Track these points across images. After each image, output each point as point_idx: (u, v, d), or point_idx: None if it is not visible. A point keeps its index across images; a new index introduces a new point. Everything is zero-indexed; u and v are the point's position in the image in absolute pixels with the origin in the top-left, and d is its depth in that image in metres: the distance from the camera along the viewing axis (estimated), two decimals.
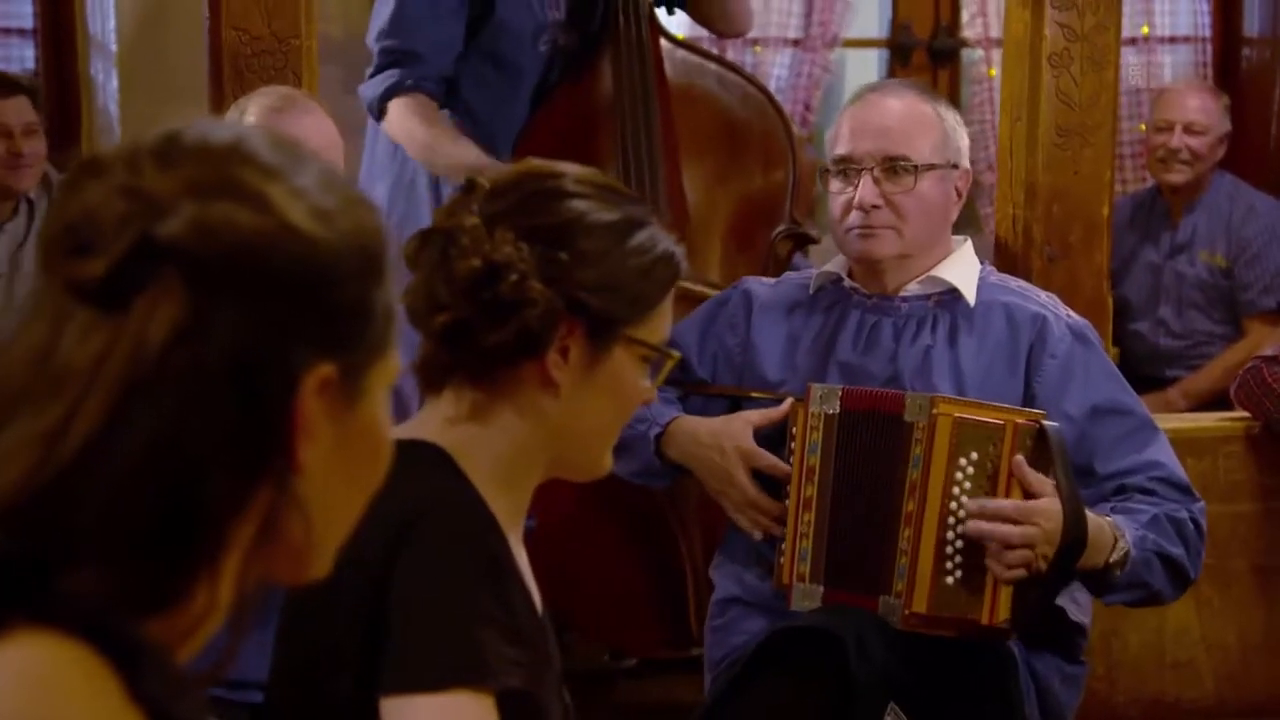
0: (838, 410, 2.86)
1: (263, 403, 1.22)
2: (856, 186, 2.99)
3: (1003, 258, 3.81)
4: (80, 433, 1.16)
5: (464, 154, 3.66)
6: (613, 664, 4.19)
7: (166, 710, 1.17)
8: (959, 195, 3.06)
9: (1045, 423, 2.77)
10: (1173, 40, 6.00)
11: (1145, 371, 5.13)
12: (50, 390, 1.18)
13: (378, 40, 3.93)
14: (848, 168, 3.01)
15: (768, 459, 2.94)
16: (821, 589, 2.86)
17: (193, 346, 1.18)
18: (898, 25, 6.01)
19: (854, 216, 2.99)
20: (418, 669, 1.93)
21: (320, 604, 2.02)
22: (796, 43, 5.84)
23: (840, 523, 2.86)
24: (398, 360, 1.34)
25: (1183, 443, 3.65)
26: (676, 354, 2.20)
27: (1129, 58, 5.95)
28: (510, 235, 2.02)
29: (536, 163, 2.17)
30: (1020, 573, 2.71)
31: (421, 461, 2.04)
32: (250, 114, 3.03)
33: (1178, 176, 5.22)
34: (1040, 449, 2.75)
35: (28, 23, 5.58)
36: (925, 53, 5.95)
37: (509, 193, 2.09)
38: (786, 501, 2.91)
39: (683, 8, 4.19)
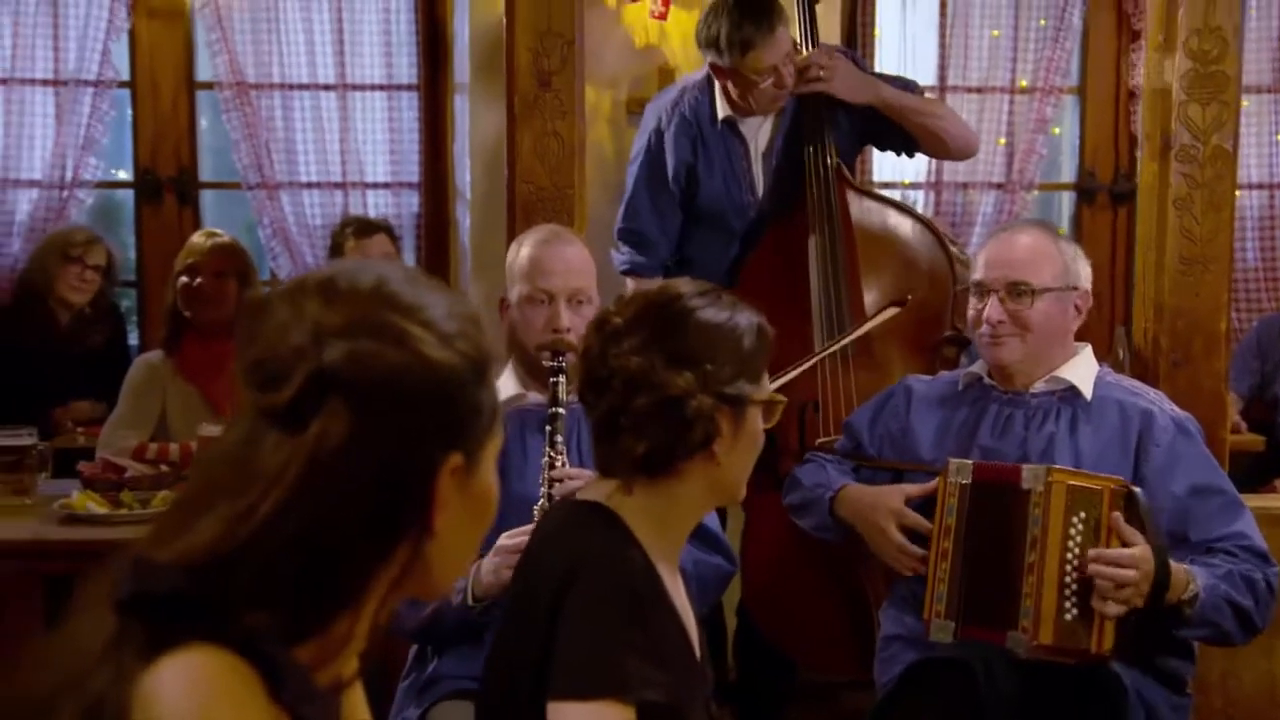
0: (970, 481, 2.90)
1: (407, 490, 1.31)
2: (987, 305, 3.05)
3: (1138, 362, 3.78)
4: (260, 517, 1.26)
5: None
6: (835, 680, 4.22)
7: (298, 712, 1.27)
8: (1078, 311, 3.07)
9: (1132, 488, 2.78)
10: None
11: None
12: (244, 484, 1.28)
13: (620, 220, 4.15)
14: (981, 289, 3.07)
15: (913, 517, 3.00)
16: (954, 624, 2.88)
17: (354, 454, 1.28)
18: (1084, 172, 5.97)
19: (984, 328, 3.05)
20: (573, 681, 1.97)
21: (521, 624, 2.11)
22: (999, 186, 5.84)
23: (971, 571, 2.88)
24: (502, 435, 1.42)
25: None
26: (783, 399, 2.25)
27: None
28: (661, 360, 2.06)
29: (651, 289, 2.20)
30: (1123, 609, 2.73)
31: (594, 520, 2.10)
32: (526, 244, 3.07)
33: None
34: (1131, 508, 2.77)
35: (415, 178, 5.75)
36: (1107, 195, 5.91)
37: (646, 323, 2.11)
38: (928, 552, 2.95)
39: (915, 152, 4.22)
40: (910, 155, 4.24)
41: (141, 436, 4.22)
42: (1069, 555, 2.77)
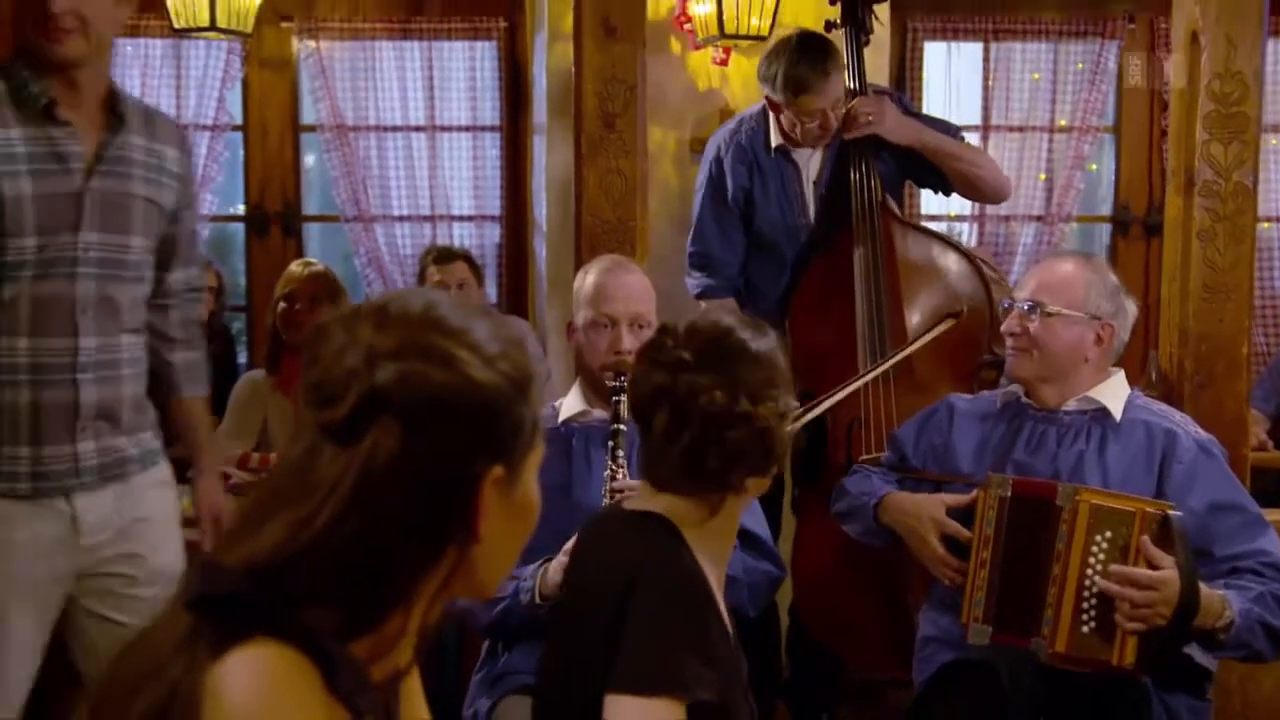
0: (1009, 494, 2.85)
1: (453, 499, 1.32)
2: (1008, 318, 3.04)
3: (1164, 384, 3.73)
4: (319, 524, 1.27)
5: None
6: (880, 678, 4.17)
7: (352, 702, 1.28)
8: (1099, 340, 3.00)
9: (1171, 512, 2.70)
10: None
11: None
12: (304, 494, 1.29)
13: (690, 243, 4.16)
14: (1010, 306, 3.05)
15: (954, 526, 2.95)
16: (990, 629, 2.84)
17: (404, 467, 1.29)
18: (1119, 205, 5.91)
19: (1008, 341, 3.05)
20: (635, 677, 1.96)
21: (578, 625, 2.11)
22: (1039, 218, 5.79)
23: (1006, 579, 2.83)
24: (543, 448, 1.42)
25: None
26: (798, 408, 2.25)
27: None
28: (745, 396, 2.08)
29: (701, 324, 2.18)
30: (1141, 626, 2.66)
31: (653, 528, 2.10)
32: (591, 273, 3.08)
33: None
34: (1164, 533, 2.68)
35: (497, 211, 5.82)
36: (1141, 226, 5.84)
37: (715, 358, 2.11)
38: (968, 561, 2.90)
39: (945, 190, 4.18)
40: (947, 195, 4.22)
41: (245, 447, 4.27)
42: (1089, 571, 2.71)
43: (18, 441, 2.64)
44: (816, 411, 3.51)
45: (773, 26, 4.95)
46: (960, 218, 5.83)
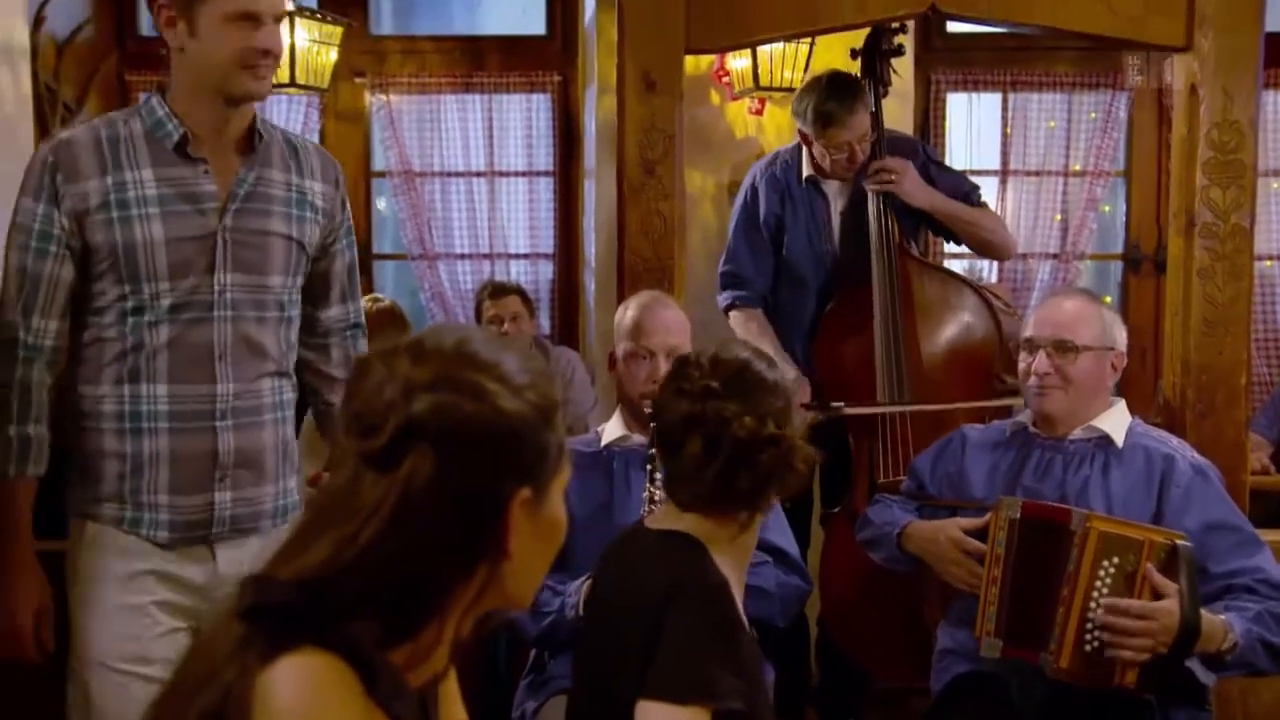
0: (1018, 516, 2.81)
1: (483, 519, 1.33)
2: (1036, 358, 2.98)
3: (1168, 412, 3.68)
4: (363, 542, 1.28)
5: (762, 345, 3.76)
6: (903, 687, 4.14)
7: (390, 708, 1.29)
8: (1114, 369, 2.99)
9: (1180, 543, 2.64)
10: None
11: None
12: (348, 515, 1.30)
13: (722, 264, 4.16)
14: (1031, 345, 2.99)
15: (972, 543, 2.90)
16: (1000, 643, 2.80)
17: (439, 490, 1.30)
18: (1130, 244, 5.86)
19: (1033, 380, 2.97)
20: (670, 686, 1.96)
21: (614, 635, 2.11)
22: (1055, 256, 5.75)
23: (1015, 595, 2.80)
24: (569, 470, 1.43)
25: None
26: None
27: None
28: (772, 421, 2.10)
29: (724, 356, 2.19)
30: (1134, 655, 2.61)
31: (684, 546, 2.10)
32: (630, 307, 3.08)
33: None
34: (1171, 562, 2.63)
35: (550, 249, 5.83)
36: (1151, 264, 5.78)
37: (740, 388, 2.13)
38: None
39: (955, 241, 4.21)
40: (957, 244, 4.25)
41: (316, 467, 4.29)
42: (1095, 594, 2.67)
43: (156, 489, 2.44)
44: (839, 413, 3.66)
45: (804, 79, 4.96)
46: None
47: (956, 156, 5.69)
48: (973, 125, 5.82)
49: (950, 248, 5.64)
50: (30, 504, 2.45)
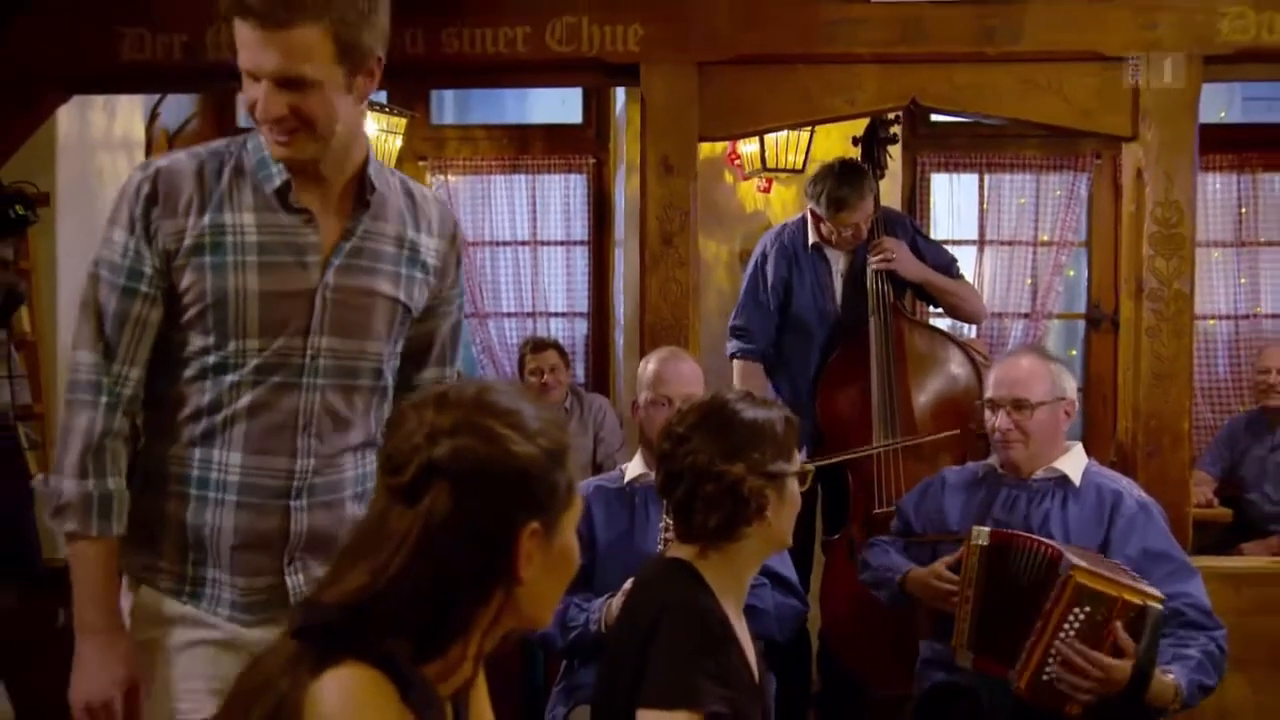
0: (987, 544, 2.79)
1: (497, 549, 1.33)
2: (998, 417, 2.98)
3: (1121, 452, 3.67)
4: (394, 568, 1.29)
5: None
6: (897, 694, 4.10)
7: (422, 714, 1.29)
8: (1066, 415, 2.96)
9: (1150, 605, 2.57)
10: (1274, 316, 5.68)
11: (1256, 526, 4.73)
12: (379, 544, 1.31)
13: (732, 318, 4.17)
14: (993, 405, 2.99)
15: (948, 575, 2.89)
16: (972, 654, 2.78)
17: (456, 522, 1.30)
18: (1091, 305, 5.82)
19: (996, 435, 2.98)
20: (659, 694, 1.94)
21: (620, 651, 2.07)
22: (1026, 315, 5.72)
23: (985, 611, 2.77)
24: (580, 506, 1.42)
25: (1252, 575, 3.54)
26: (811, 468, 2.18)
27: (1244, 328, 5.67)
28: (719, 455, 2.02)
29: (705, 398, 2.15)
30: (1085, 699, 2.57)
31: (680, 572, 2.06)
32: (651, 361, 3.08)
33: (1275, 401, 4.86)
34: (1139, 621, 2.56)
35: (585, 309, 5.80)
36: (1110, 323, 5.73)
37: (702, 426, 2.07)
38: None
39: (936, 305, 4.23)
40: (936, 307, 4.29)
41: None
42: (1062, 634, 2.60)
43: (219, 565, 1.94)
44: (835, 460, 3.62)
45: (805, 161, 5.00)
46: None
47: (940, 228, 5.70)
48: (954, 201, 5.83)
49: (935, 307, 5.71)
50: (115, 565, 1.94)
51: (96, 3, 3.65)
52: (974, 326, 5.58)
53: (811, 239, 4.06)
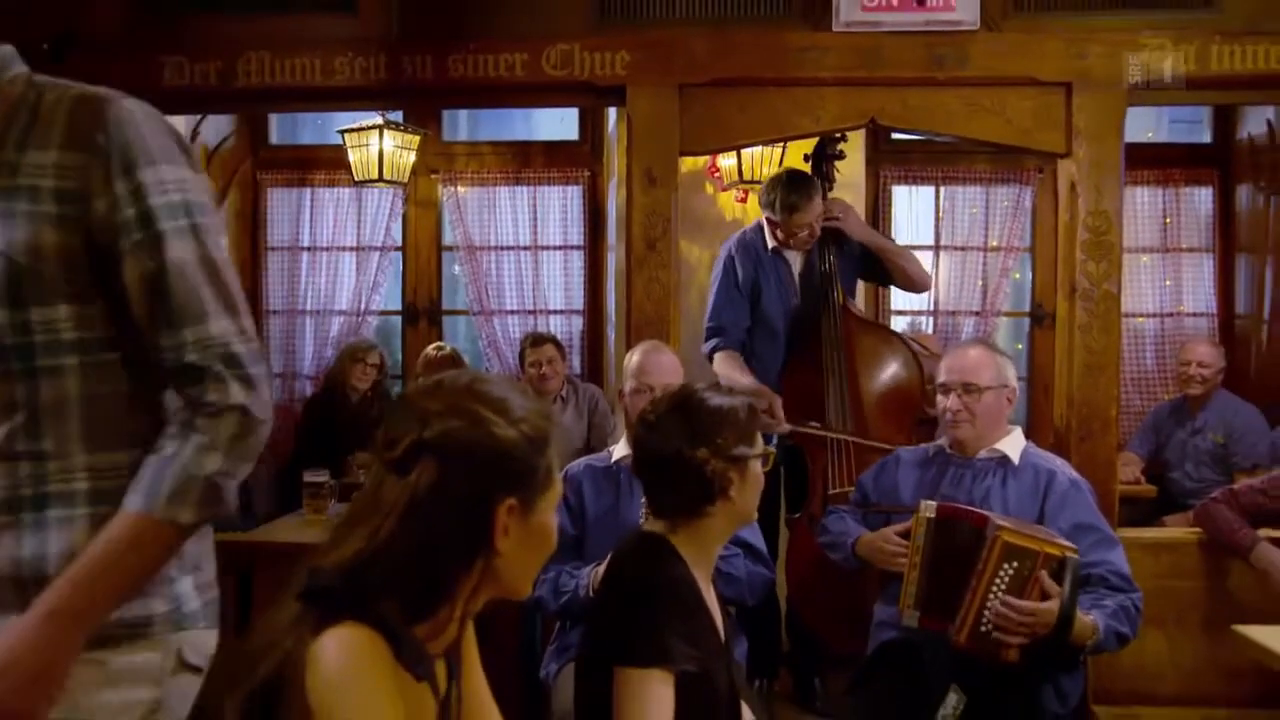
0: (934, 516, 2.81)
1: (476, 520, 1.32)
2: (949, 399, 3.01)
3: (1058, 437, 3.70)
4: (385, 533, 1.29)
5: (743, 380, 3.75)
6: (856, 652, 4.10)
7: (414, 670, 1.29)
8: (1009, 401, 2.99)
9: (1069, 555, 2.62)
10: (1195, 315, 5.71)
11: (1177, 502, 4.77)
12: (373, 512, 1.31)
13: (706, 320, 4.12)
14: (944, 389, 3.02)
15: (896, 539, 2.94)
16: (918, 614, 2.81)
17: (440, 493, 1.30)
18: (1035, 304, 5.84)
19: (947, 415, 3.00)
20: (634, 653, 1.93)
21: (600, 617, 2.08)
22: (978, 313, 5.73)
23: (930, 578, 2.80)
24: (560, 489, 1.40)
25: (1169, 544, 3.54)
26: (773, 450, 2.13)
27: (1169, 325, 5.70)
28: (685, 440, 2.01)
29: (676, 388, 2.14)
30: (1019, 640, 2.62)
31: (654, 545, 2.05)
32: (635, 353, 3.09)
33: (1195, 390, 4.90)
34: (1060, 570, 2.61)
35: (580, 306, 5.79)
36: (1050, 320, 5.73)
37: (670, 414, 2.05)
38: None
39: (886, 283, 4.22)
40: (885, 285, 4.24)
41: None
42: (994, 589, 2.65)
43: None
44: (796, 429, 3.67)
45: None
46: (920, 312, 5.81)
47: (901, 234, 5.70)
48: (913, 211, 5.83)
49: (895, 304, 5.71)
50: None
51: (140, 37, 3.72)
52: (931, 322, 5.66)
53: (770, 244, 4.04)
